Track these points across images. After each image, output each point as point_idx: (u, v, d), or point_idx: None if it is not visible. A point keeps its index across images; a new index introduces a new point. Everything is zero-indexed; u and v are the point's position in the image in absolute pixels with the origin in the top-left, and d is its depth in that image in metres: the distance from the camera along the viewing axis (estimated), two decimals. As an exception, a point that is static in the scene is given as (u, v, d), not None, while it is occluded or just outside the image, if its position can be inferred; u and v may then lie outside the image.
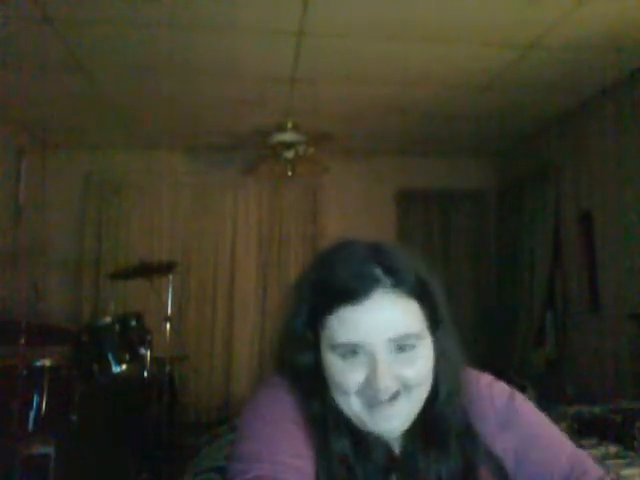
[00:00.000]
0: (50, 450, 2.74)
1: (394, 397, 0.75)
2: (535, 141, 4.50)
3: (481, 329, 4.92)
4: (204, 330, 4.79)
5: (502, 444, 0.83)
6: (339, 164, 4.77)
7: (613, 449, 1.97)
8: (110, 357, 3.19)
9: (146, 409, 3.38)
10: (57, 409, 3.02)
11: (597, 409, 2.49)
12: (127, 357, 3.25)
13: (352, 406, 0.76)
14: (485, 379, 0.89)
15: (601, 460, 1.85)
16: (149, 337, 3.36)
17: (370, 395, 0.74)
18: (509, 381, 0.94)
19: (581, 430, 2.21)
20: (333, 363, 0.77)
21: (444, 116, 4.07)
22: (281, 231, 4.92)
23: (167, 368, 3.55)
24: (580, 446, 2.04)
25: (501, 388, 0.89)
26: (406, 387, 0.76)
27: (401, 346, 0.76)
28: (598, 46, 2.96)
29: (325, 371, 0.79)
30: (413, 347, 0.76)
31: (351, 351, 0.75)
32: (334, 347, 0.76)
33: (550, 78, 3.40)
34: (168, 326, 3.66)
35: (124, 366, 3.23)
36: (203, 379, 4.65)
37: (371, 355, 0.75)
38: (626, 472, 1.76)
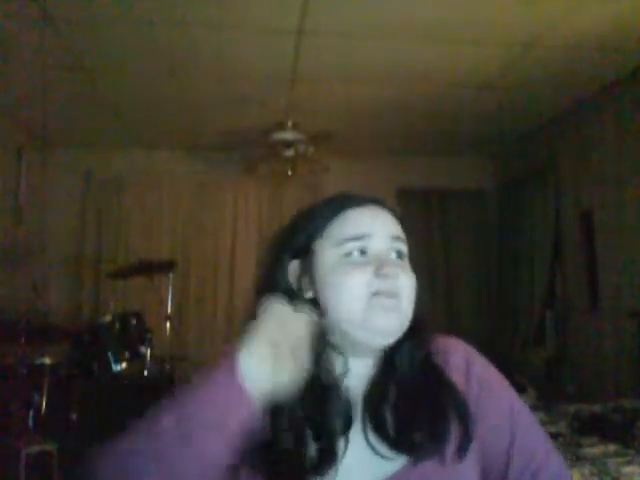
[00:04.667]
0: (53, 448, 2.75)
1: (394, 295, 0.78)
2: (535, 140, 4.50)
3: (481, 328, 4.93)
4: (204, 329, 4.79)
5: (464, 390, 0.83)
6: (339, 163, 4.77)
7: (613, 448, 1.97)
8: (110, 356, 3.20)
9: (146, 408, 3.38)
10: (57, 408, 3.02)
11: (597, 408, 2.49)
12: (127, 356, 3.26)
13: (357, 303, 0.77)
14: (449, 338, 0.91)
15: (601, 458, 1.85)
16: (149, 336, 3.37)
17: (378, 283, 0.77)
18: (509, 380, 0.95)
19: (581, 429, 2.21)
20: (339, 263, 0.80)
21: (444, 115, 4.07)
22: (281, 230, 4.91)
23: (167, 367, 3.55)
24: (579, 445, 2.03)
25: (456, 343, 0.89)
26: (400, 294, 0.79)
27: (399, 251, 0.83)
28: (598, 45, 2.95)
29: (323, 284, 0.80)
30: (405, 256, 0.84)
31: (359, 249, 0.80)
32: (341, 242, 0.80)
33: (550, 77, 3.40)
34: (168, 325, 3.67)
35: (124, 365, 3.23)
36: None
37: (378, 250, 0.80)
38: (626, 470, 1.76)
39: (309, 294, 0.82)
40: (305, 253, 0.83)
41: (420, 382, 0.81)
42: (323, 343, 0.80)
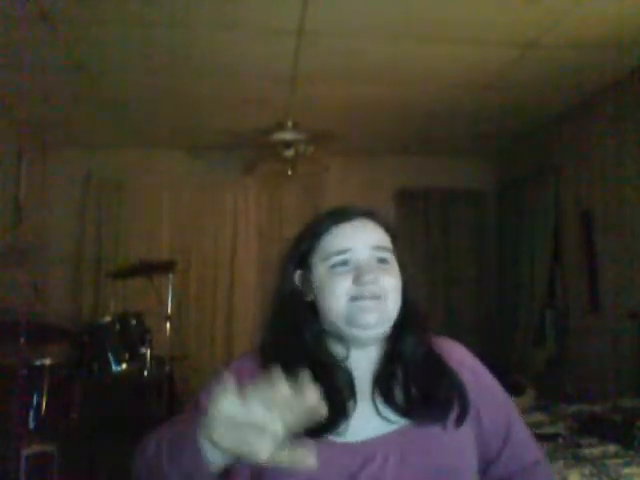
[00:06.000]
0: (53, 449, 2.75)
1: (375, 297, 0.92)
2: (535, 140, 4.50)
3: (481, 328, 4.93)
4: (204, 329, 4.79)
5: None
6: (339, 163, 4.77)
7: (613, 448, 1.97)
8: (110, 356, 3.20)
9: (146, 408, 3.38)
10: (57, 408, 3.02)
11: (597, 408, 2.49)
12: (127, 356, 3.26)
13: (340, 304, 0.92)
14: (448, 339, 1.06)
15: (601, 459, 1.85)
16: (149, 336, 3.37)
17: (356, 289, 0.92)
18: (509, 380, 1.00)
19: (581, 429, 2.21)
20: (326, 274, 0.95)
21: (444, 115, 4.07)
22: (281, 230, 4.92)
23: (167, 367, 3.55)
24: (579, 446, 2.03)
25: (459, 346, 1.06)
26: (383, 294, 0.93)
27: (380, 258, 0.95)
28: (598, 45, 2.95)
29: (317, 290, 0.96)
30: (388, 262, 0.96)
31: (342, 261, 0.94)
32: (328, 257, 0.95)
33: (550, 77, 3.40)
34: (168, 325, 3.67)
35: (124, 365, 3.23)
36: (203, 378, 4.65)
37: (357, 261, 0.94)
38: (626, 471, 1.76)
39: (310, 298, 0.98)
40: (304, 265, 0.99)
41: (424, 367, 0.96)
42: (321, 332, 0.97)
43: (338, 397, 0.90)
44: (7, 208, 4.14)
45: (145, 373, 3.31)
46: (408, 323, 0.97)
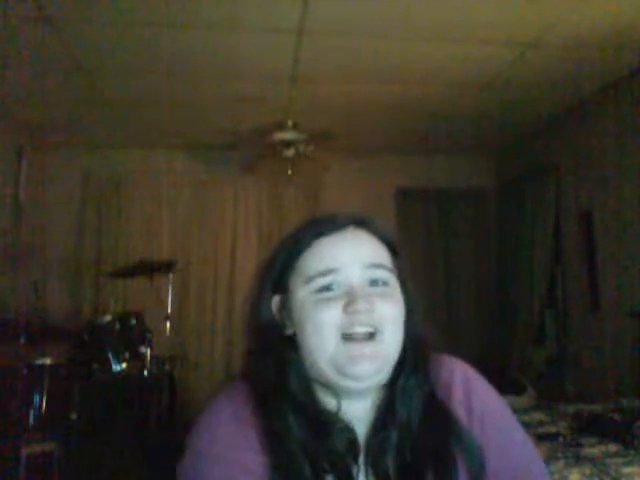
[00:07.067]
0: (53, 448, 2.75)
1: (369, 338, 0.73)
2: (535, 140, 4.50)
3: (481, 328, 4.93)
4: (204, 329, 4.79)
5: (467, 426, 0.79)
6: (339, 162, 4.77)
7: (613, 448, 1.97)
8: (110, 356, 3.20)
9: (146, 408, 3.38)
10: (57, 408, 3.02)
11: (597, 408, 2.49)
12: (127, 356, 3.26)
13: (327, 346, 0.72)
14: (447, 360, 0.85)
15: (602, 458, 1.85)
16: (149, 336, 3.37)
17: (347, 324, 0.72)
18: (509, 380, 0.95)
19: (581, 429, 2.21)
20: (309, 301, 0.75)
21: (444, 114, 4.07)
22: (281, 230, 4.92)
23: (167, 367, 3.56)
24: (579, 445, 2.03)
25: (461, 369, 0.85)
26: (380, 327, 0.73)
27: (375, 280, 0.76)
28: (598, 45, 2.95)
29: (298, 323, 0.76)
30: (386, 283, 0.77)
31: (326, 285, 0.74)
32: (309, 279, 0.75)
33: (550, 77, 3.40)
34: (168, 325, 3.67)
35: (124, 365, 3.23)
36: (203, 378, 4.66)
37: (347, 284, 0.74)
38: (626, 470, 1.76)
39: (290, 331, 0.78)
40: (282, 288, 0.80)
41: (425, 424, 0.76)
42: (307, 380, 0.77)
43: (344, 467, 0.72)
44: (7, 208, 4.14)
45: (145, 373, 3.31)
46: (408, 363, 0.78)
